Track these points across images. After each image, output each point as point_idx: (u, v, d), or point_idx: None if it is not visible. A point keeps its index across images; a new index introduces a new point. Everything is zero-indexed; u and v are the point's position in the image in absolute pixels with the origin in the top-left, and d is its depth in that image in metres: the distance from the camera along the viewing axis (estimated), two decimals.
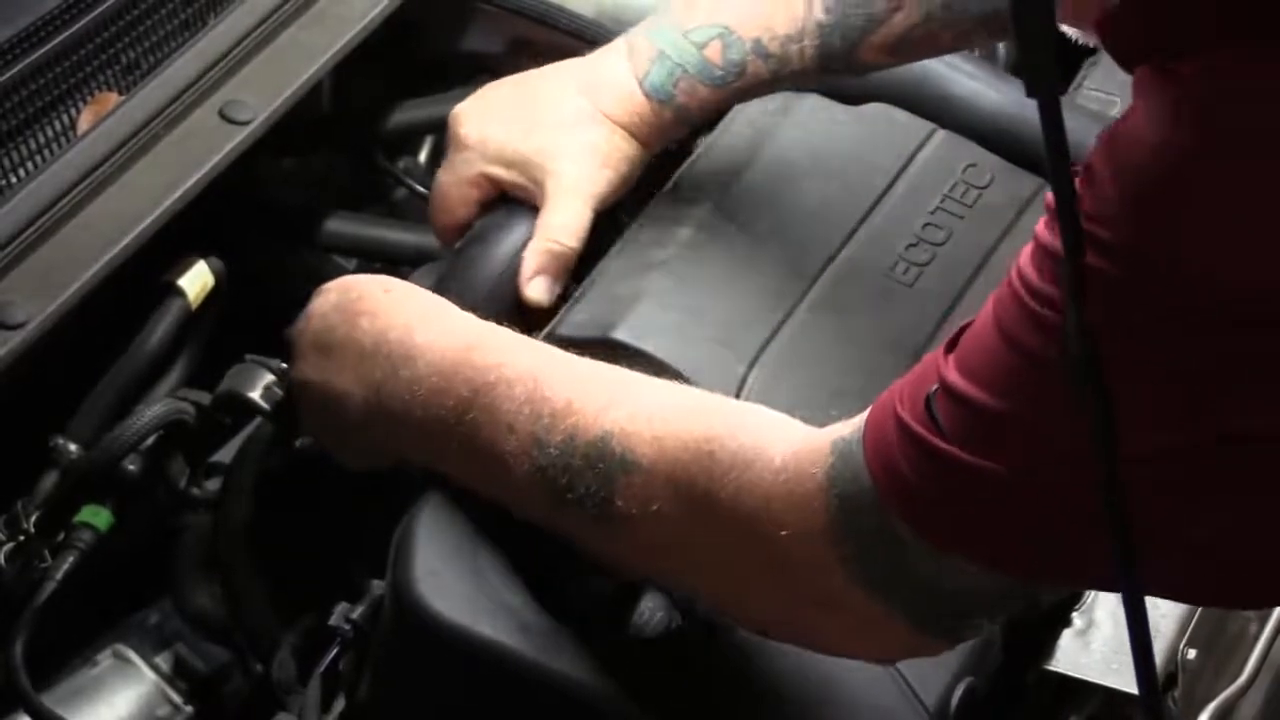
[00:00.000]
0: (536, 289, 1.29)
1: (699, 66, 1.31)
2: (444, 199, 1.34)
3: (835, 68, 1.33)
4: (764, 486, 1.00)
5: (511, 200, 1.33)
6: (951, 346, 0.95)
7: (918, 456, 0.94)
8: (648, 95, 1.32)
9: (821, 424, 1.02)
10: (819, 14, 1.31)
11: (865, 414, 0.99)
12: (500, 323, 1.19)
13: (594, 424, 1.06)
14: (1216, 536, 0.91)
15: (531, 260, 1.29)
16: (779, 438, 1.02)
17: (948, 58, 1.45)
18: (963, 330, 0.96)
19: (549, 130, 1.31)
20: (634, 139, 1.33)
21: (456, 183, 1.33)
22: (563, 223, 1.30)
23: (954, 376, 0.94)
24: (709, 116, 1.36)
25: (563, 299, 1.31)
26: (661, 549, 1.06)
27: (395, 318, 1.18)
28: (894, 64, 1.37)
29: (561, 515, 1.09)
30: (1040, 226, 0.91)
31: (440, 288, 1.27)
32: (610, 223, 1.35)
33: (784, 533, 0.99)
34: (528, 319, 1.28)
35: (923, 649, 1.03)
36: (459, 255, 1.32)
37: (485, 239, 1.32)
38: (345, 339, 1.18)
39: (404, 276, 1.31)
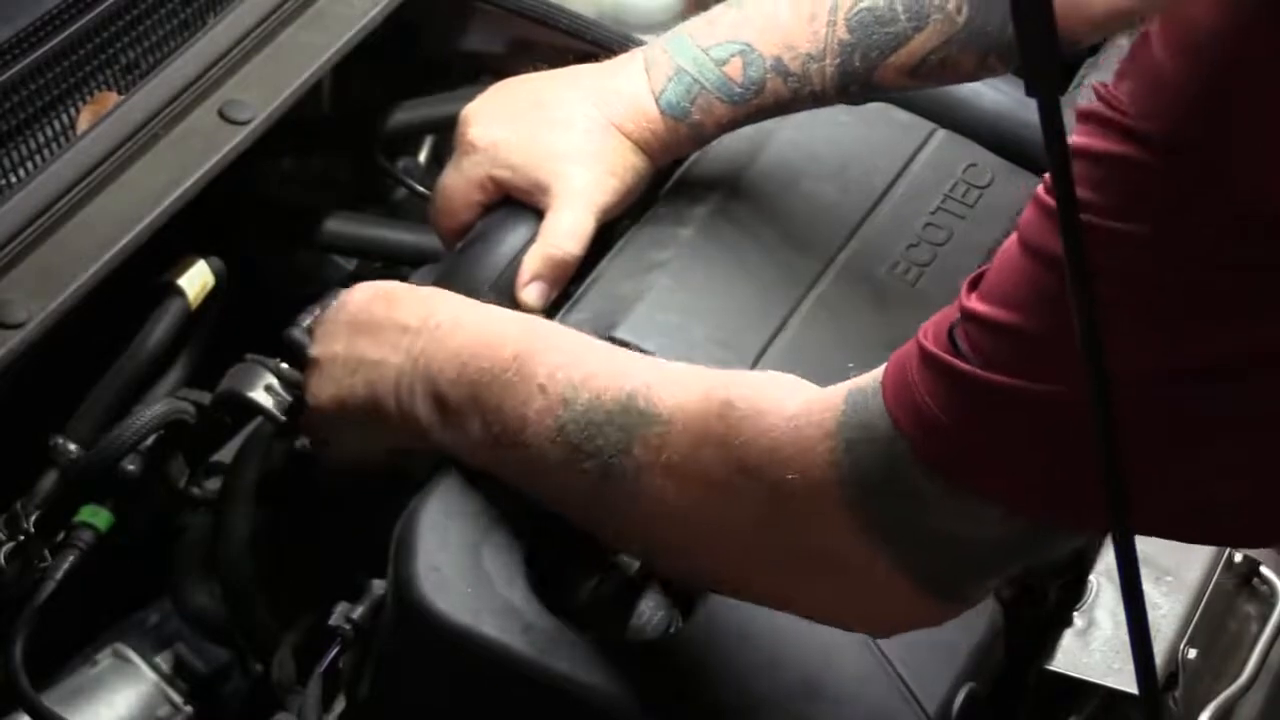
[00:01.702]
0: (532, 294, 1.29)
1: (718, 83, 1.31)
2: (448, 200, 1.34)
3: (853, 89, 1.33)
4: (774, 433, 0.99)
5: (515, 203, 1.33)
6: (974, 285, 0.94)
7: (939, 384, 0.93)
8: (663, 112, 1.32)
9: None
10: (841, 33, 1.30)
11: (884, 366, 0.98)
12: None
13: (621, 385, 1.07)
14: (1223, 467, 0.90)
15: (531, 264, 1.29)
16: (795, 392, 1.02)
17: None
18: (983, 272, 0.94)
19: (558, 136, 1.31)
20: (643, 153, 1.33)
21: (462, 184, 1.33)
22: (566, 228, 1.29)
23: (978, 305, 0.92)
24: (722, 134, 1.35)
25: (563, 298, 1.31)
26: (665, 506, 1.05)
27: (441, 304, 1.19)
28: (912, 87, 1.37)
29: (571, 475, 1.08)
30: (1074, 136, 0.89)
31: (439, 287, 1.27)
32: (607, 233, 1.35)
33: (789, 477, 0.98)
34: None
35: (923, 615, 1.01)
36: (459, 255, 1.32)
37: (486, 239, 1.32)
38: (387, 317, 1.19)
39: (403, 277, 1.31)
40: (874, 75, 1.32)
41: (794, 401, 1.01)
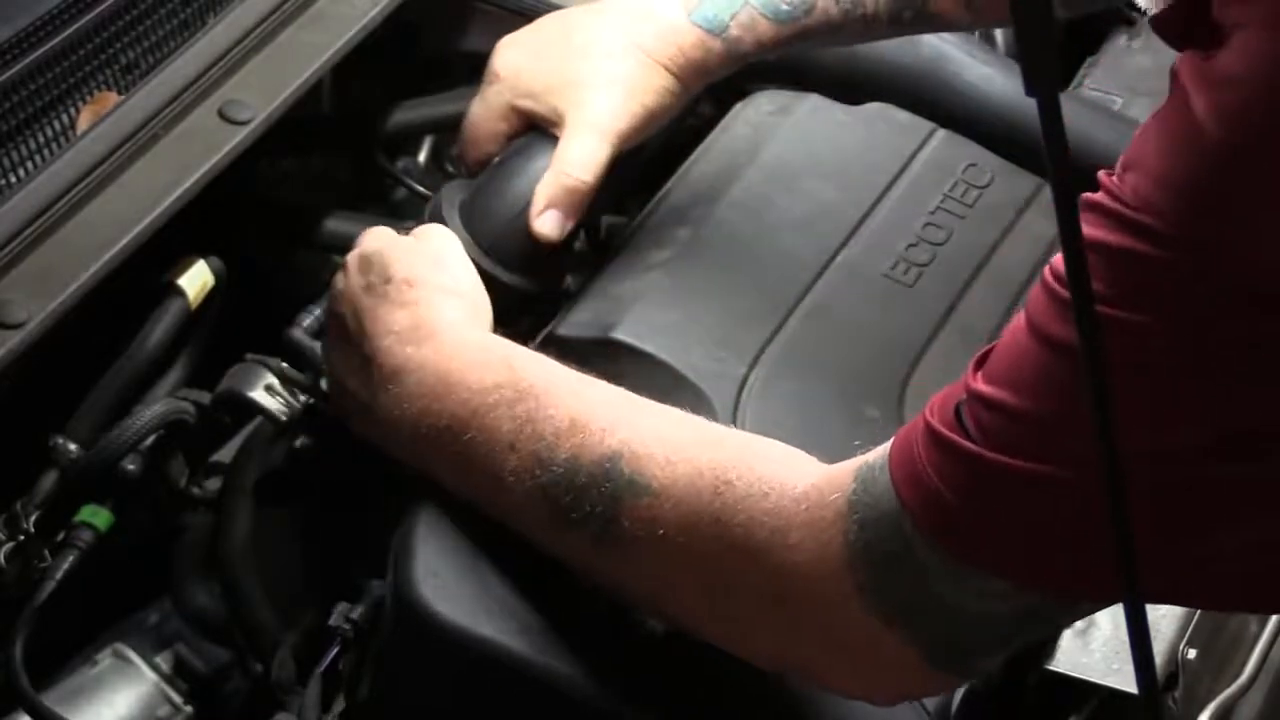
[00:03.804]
0: (546, 223, 1.25)
1: None
2: (474, 131, 1.32)
3: (907, 15, 1.29)
4: (782, 516, 0.98)
5: (540, 131, 1.30)
6: (980, 365, 0.94)
7: (945, 463, 0.93)
8: (697, 25, 1.27)
9: (822, 424, 1.02)
10: None
11: (890, 441, 0.98)
12: (515, 259, 1.19)
13: (600, 444, 1.05)
14: (1233, 541, 0.91)
15: (543, 194, 1.26)
16: (799, 471, 1.01)
17: (958, 43, 1.46)
18: (989, 351, 0.95)
19: (580, 63, 1.28)
20: (671, 74, 1.28)
21: (487, 115, 1.31)
22: (577, 157, 1.26)
23: (983, 386, 0.93)
24: (762, 55, 1.30)
25: (563, 297, 1.30)
26: (665, 577, 1.05)
27: (389, 343, 1.15)
28: (966, 23, 1.33)
29: (563, 536, 1.08)
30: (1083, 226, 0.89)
31: (462, 218, 1.26)
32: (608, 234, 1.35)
33: (798, 562, 0.97)
34: (542, 258, 1.26)
35: (931, 686, 1.02)
36: (479, 186, 1.31)
37: (507, 169, 1.30)
38: (353, 335, 1.18)
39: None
40: (929, 4, 1.29)
41: (800, 481, 1.00)
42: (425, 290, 1.19)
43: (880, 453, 0.98)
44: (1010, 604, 0.95)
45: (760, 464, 1.01)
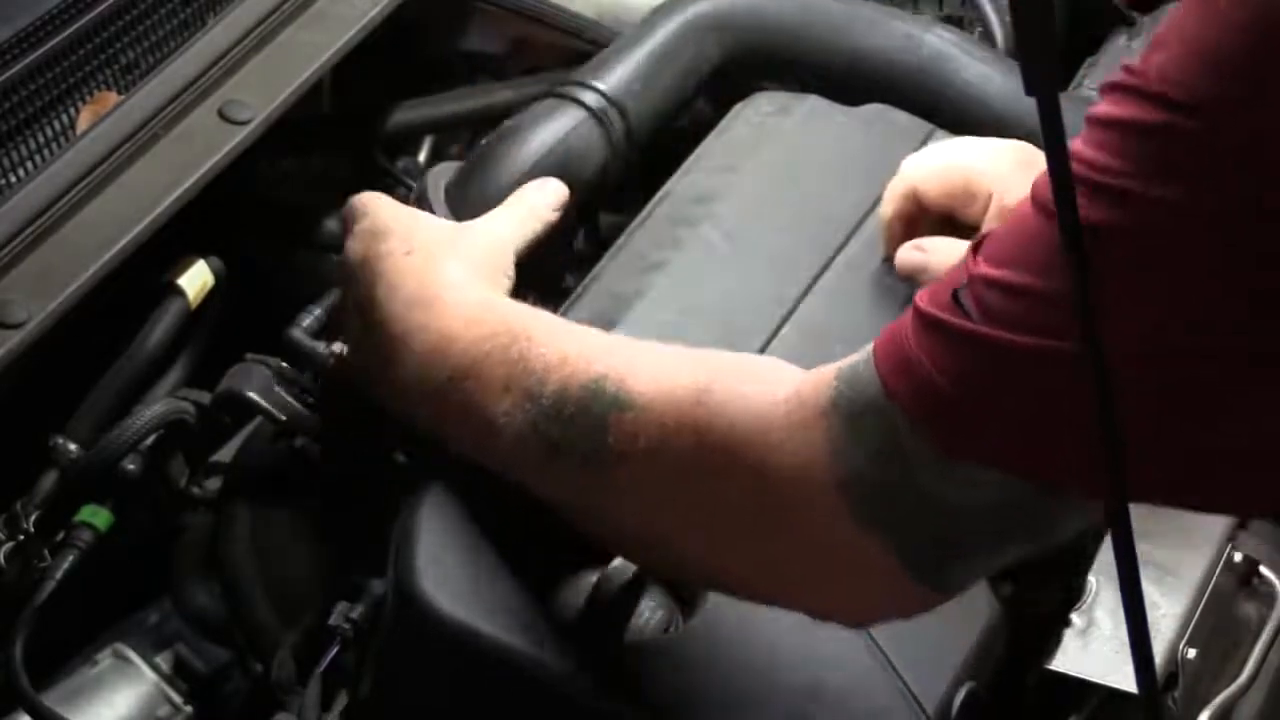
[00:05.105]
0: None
1: None
2: None
3: None
4: (763, 418, 0.98)
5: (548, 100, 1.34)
6: (977, 249, 0.93)
7: (940, 347, 0.91)
8: None
9: None
10: None
11: (873, 341, 0.97)
12: None
13: (587, 371, 1.05)
14: (1238, 433, 0.89)
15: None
16: (782, 377, 1.01)
17: (958, 42, 1.46)
18: (984, 238, 0.93)
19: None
20: None
21: None
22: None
23: (986, 268, 0.91)
24: None
25: (563, 295, 1.30)
26: (648, 496, 1.04)
27: (397, 290, 1.17)
28: None
29: (552, 470, 1.07)
30: (1101, 106, 0.88)
31: (448, 203, 1.27)
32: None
33: (780, 463, 0.97)
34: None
35: (910, 602, 1.00)
36: (466, 169, 1.31)
37: (493, 153, 1.31)
38: (352, 303, 1.19)
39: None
40: None
41: (782, 384, 0.99)
42: (429, 255, 1.19)
43: (863, 352, 0.97)
44: (995, 498, 0.93)
45: (742, 373, 1.02)
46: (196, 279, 1.34)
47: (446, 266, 1.19)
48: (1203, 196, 0.85)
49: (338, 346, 1.25)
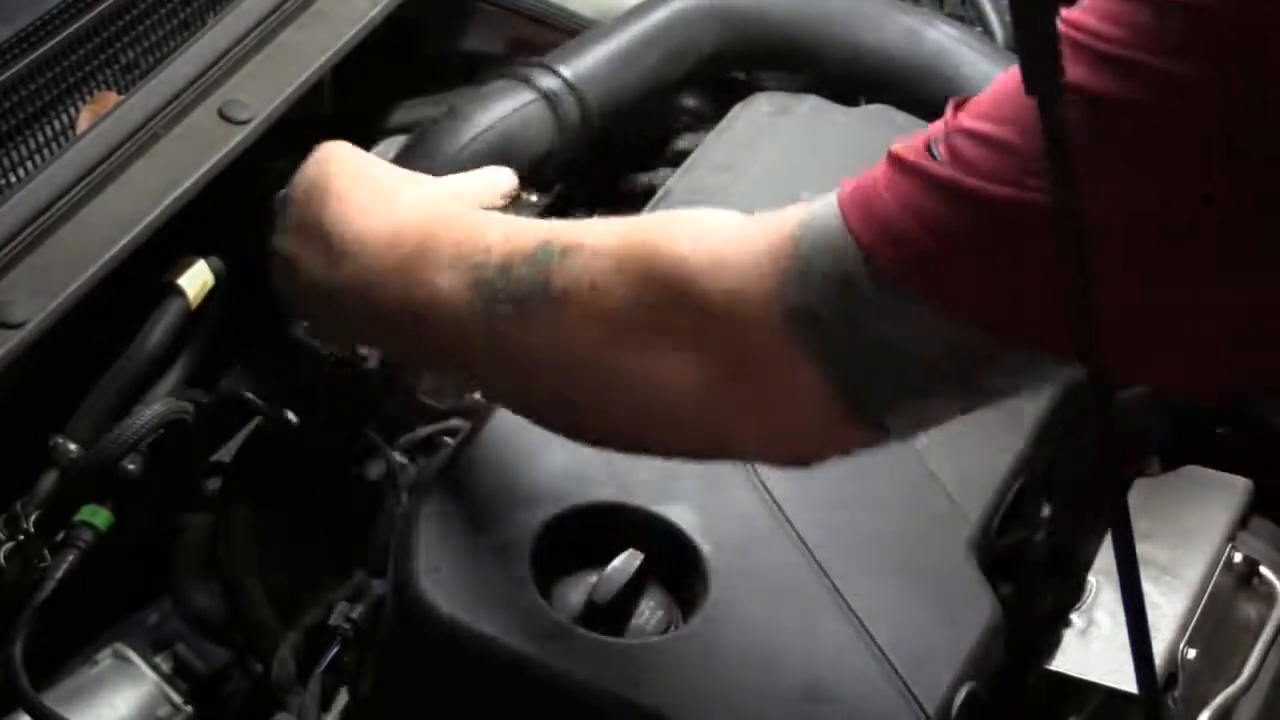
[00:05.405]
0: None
1: None
2: None
3: None
4: (714, 248, 0.98)
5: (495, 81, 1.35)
6: (960, 107, 0.93)
7: (911, 189, 0.91)
8: None
9: None
10: None
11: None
12: None
13: (532, 239, 1.05)
14: (1218, 301, 0.88)
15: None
16: (738, 217, 1.00)
17: (959, 38, 1.46)
18: (966, 99, 0.93)
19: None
20: None
21: None
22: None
23: (969, 121, 0.91)
24: None
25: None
26: (592, 336, 1.02)
27: (353, 200, 1.16)
28: None
29: (492, 326, 1.05)
30: None
31: (402, 158, 1.30)
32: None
33: (727, 289, 0.96)
34: None
35: (850, 438, 0.99)
36: (412, 143, 1.34)
37: (439, 128, 1.35)
38: (312, 224, 1.17)
39: None
40: None
41: (736, 223, 0.99)
42: (388, 171, 1.20)
43: (824, 199, 0.96)
44: (942, 341, 0.92)
45: (696, 215, 1.02)
46: (196, 279, 1.34)
47: (404, 177, 1.20)
48: (1232, 76, 0.83)
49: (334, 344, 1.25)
